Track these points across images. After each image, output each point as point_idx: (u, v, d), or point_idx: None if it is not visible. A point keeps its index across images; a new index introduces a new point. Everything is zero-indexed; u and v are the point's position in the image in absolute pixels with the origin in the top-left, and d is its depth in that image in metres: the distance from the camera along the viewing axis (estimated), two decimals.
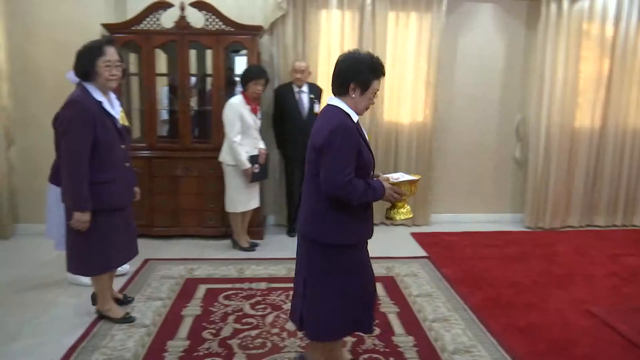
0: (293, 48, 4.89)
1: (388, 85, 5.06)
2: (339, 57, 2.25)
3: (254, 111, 4.26)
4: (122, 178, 2.96)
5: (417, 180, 2.31)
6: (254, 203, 4.44)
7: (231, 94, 4.53)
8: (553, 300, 3.53)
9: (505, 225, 5.45)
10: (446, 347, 2.88)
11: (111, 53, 2.82)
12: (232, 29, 4.43)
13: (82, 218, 2.79)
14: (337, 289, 2.26)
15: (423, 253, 4.50)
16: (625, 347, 2.92)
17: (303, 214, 2.32)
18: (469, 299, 3.52)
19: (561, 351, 2.87)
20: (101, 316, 3.12)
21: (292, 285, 3.63)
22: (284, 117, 4.71)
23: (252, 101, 4.24)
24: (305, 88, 4.67)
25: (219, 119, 4.35)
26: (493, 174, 5.54)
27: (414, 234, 4.99)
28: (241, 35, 4.43)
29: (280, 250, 4.47)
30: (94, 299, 3.20)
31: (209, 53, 4.61)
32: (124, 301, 3.34)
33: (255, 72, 4.20)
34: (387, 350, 2.84)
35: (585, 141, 5.31)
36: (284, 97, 4.68)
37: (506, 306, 3.44)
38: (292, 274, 3.84)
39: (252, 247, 4.47)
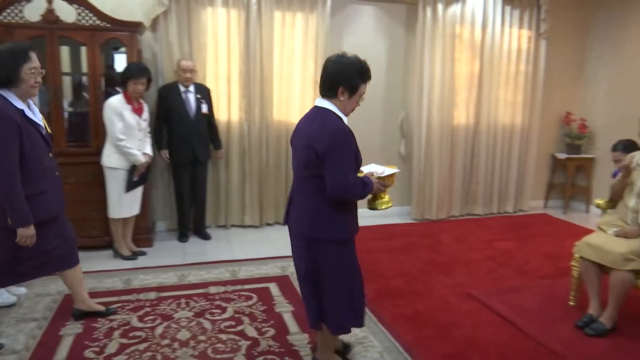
0: (178, 46, 4.69)
1: (277, 85, 5.04)
2: (327, 61, 2.33)
3: (137, 112, 4.03)
4: (54, 187, 2.79)
5: (396, 173, 2.49)
6: (137, 209, 4.22)
7: (114, 92, 4.24)
8: (437, 287, 3.75)
9: (394, 218, 5.68)
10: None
11: (35, 59, 2.63)
12: (108, 25, 4.15)
13: (27, 233, 2.63)
14: (345, 282, 2.38)
15: None
16: (502, 324, 3.19)
17: (299, 214, 2.36)
18: None
19: (446, 334, 3.05)
20: None
21: (183, 292, 3.55)
22: (170, 118, 4.51)
23: (134, 101, 4.01)
24: (192, 88, 4.51)
25: (97, 120, 4.05)
26: None
27: None
28: (119, 32, 4.17)
29: (170, 257, 4.29)
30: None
31: (84, 50, 4.28)
32: (106, 313, 3.19)
33: (135, 71, 3.96)
34: (282, 350, 2.83)
35: (462, 137, 5.71)
36: (169, 97, 4.48)
37: (395, 296, 3.58)
38: (184, 281, 3.76)
39: (134, 256, 4.22)
